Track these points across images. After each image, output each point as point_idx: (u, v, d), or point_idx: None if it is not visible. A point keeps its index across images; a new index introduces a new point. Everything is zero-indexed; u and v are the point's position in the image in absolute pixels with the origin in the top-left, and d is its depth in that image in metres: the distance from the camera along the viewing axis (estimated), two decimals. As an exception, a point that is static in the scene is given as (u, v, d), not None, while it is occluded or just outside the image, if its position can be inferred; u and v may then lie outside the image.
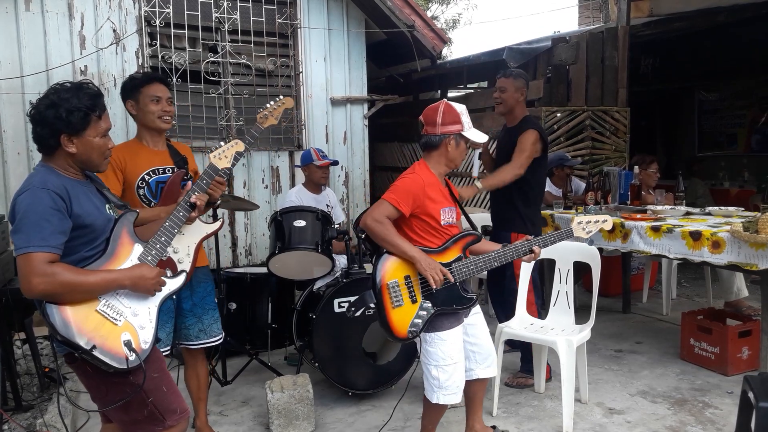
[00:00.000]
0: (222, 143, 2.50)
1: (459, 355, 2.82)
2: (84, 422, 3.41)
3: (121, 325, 2.05)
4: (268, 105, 2.83)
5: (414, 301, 2.70)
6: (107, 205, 2.19)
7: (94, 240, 2.08)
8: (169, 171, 2.98)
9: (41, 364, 3.88)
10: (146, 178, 2.92)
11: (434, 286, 2.66)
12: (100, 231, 2.10)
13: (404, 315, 2.68)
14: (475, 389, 3.04)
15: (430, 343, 2.79)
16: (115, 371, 2.02)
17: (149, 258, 2.16)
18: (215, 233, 2.42)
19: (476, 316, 2.98)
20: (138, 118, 2.99)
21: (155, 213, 2.50)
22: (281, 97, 2.87)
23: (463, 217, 3.10)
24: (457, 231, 2.88)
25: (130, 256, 2.14)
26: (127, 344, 2.03)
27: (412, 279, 2.72)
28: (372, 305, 2.81)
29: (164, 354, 3.10)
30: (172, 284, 2.25)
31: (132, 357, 2.03)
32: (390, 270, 2.71)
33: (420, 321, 2.68)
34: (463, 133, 2.82)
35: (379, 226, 2.68)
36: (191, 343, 3.07)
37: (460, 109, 2.83)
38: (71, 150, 2.04)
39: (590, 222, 2.98)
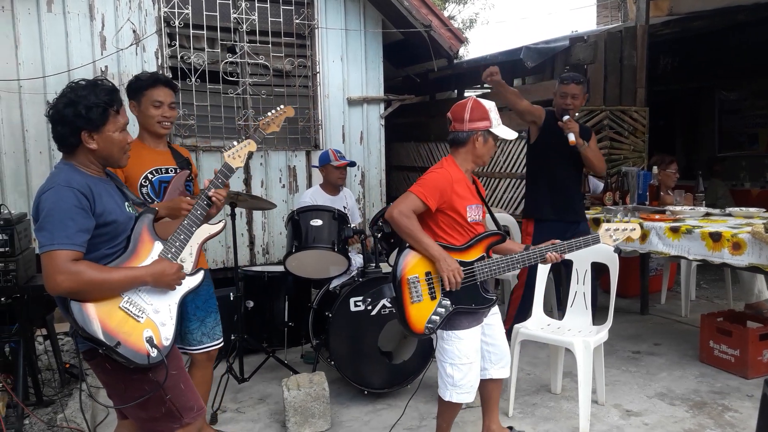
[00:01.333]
0: (235, 143, 2.51)
1: (475, 355, 2.82)
2: (103, 418, 3.45)
3: (143, 322, 2.07)
4: (269, 113, 2.83)
5: (433, 298, 2.70)
6: (126, 203, 2.21)
7: (116, 238, 2.10)
8: (171, 171, 2.97)
9: (62, 360, 3.94)
10: (149, 176, 2.91)
11: (447, 288, 2.66)
12: (121, 229, 2.11)
13: (422, 310, 2.69)
14: (490, 389, 3.04)
15: (447, 340, 2.79)
16: (136, 368, 2.04)
17: (169, 256, 2.18)
18: (217, 234, 2.41)
19: (494, 316, 2.98)
20: (138, 119, 2.98)
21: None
22: (282, 106, 2.87)
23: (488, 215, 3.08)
24: (483, 229, 2.87)
25: (150, 254, 2.16)
26: (149, 341, 2.05)
27: (432, 275, 2.71)
28: (389, 299, 2.82)
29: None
30: (191, 281, 2.26)
31: (154, 353, 2.05)
32: (411, 265, 2.70)
33: (438, 318, 2.69)
34: (491, 129, 2.79)
35: (405, 220, 2.67)
36: (193, 348, 3.02)
37: (489, 105, 2.81)
38: (92, 146, 2.06)
39: (618, 230, 2.94)
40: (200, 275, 2.29)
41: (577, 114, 5.89)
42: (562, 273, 4.40)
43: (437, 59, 6.17)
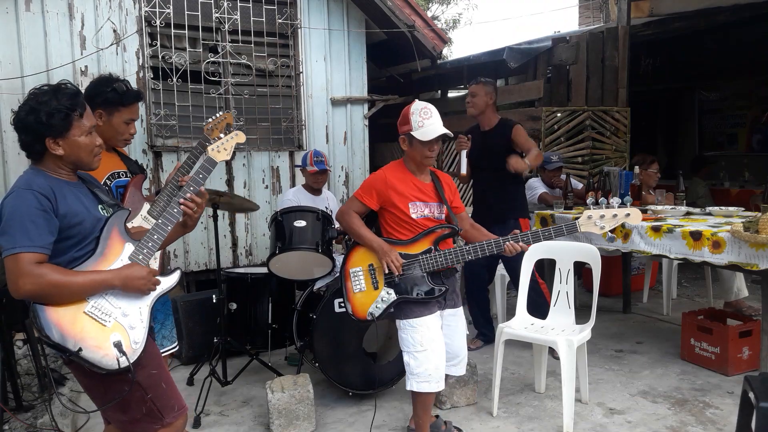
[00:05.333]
0: (222, 134, 2.41)
1: (431, 344, 2.88)
2: (84, 422, 3.41)
3: (111, 326, 2.01)
4: (210, 119, 2.79)
5: (376, 288, 2.90)
6: (100, 206, 2.15)
7: (84, 240, 2.05)
8: (123, 175, 2.89)
9: (41, 365, 3.88)
10: (107, 182, 2.81)
11: (386, 271, 2.84)
12: (88, 231, 2.06)
13: (365, 299, 2.91)
14: None
15: (402, 330, 2.93)
16: (108, 372, 1.99)
17: (140, 257, 2.12)
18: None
19: (454, 317, 3.06)
20: (102, 129, 2.68)
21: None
22: (222, 112, 2.84)
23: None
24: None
25: (120, 255, 2.10)
26: (117, 345, 1.99)
27: (375, 267, 2.91)
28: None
29: (171, 351, 3.07)
30: (167, 282, 2.20)
31: (122, 358, 1.99)
32: (355, 259, 2.96)
33: (381, 306, 2.87)
34: (411, 132, 2.87)
35: (346, 218, 2.96)
36: None
37: (415, 108, 2.90)
38: (58, 152, 2.02)
39: (604, 216, 2.79)
40: (176, 275, 2.22)
41: (559, 114, 5.96)
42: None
43: (421, 59, 6.17)
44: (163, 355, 2.94)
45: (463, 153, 4.23)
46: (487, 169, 4.34)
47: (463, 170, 4.24)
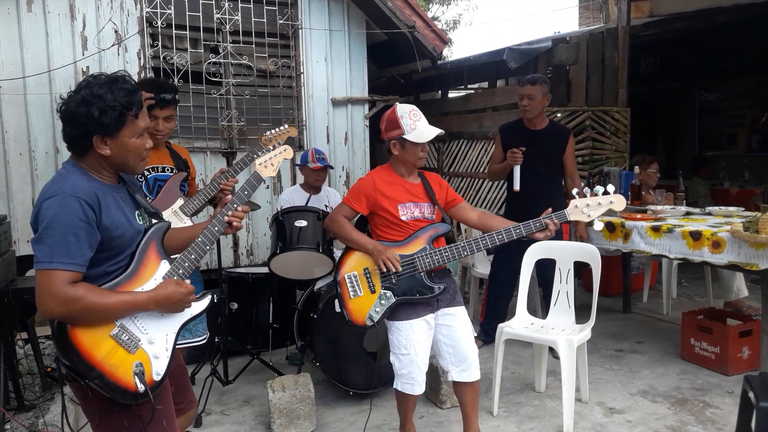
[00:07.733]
0: (272, 147, 2.32)
1: (415, 348, 2.86)
2: (86, 422, 3.41)
3: (135, 354, 1.85)
4: (271, 131, 2.81)
5: (373, 291, 2.86)
6: (137, 212, 1.98)
7: (120, 254, 1.89)
8: (168, 170, 2.97)
9: (43, 364, 3.89)
10: (145, 173, 2.88)
11: (383, 269, 2.79)
12: (127, 244, 1.90)
13: (362, 304, 2.86)
14: (460, 392, 3.03)
15: (389, 330, 2.95)
16: (121, 402, 1.84)
17: (174, 278, 1.96)
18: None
19: (453, 317, 2.94)
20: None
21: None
22: (287, 125, 2.86)
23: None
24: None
25: (154, 274, 1.94)
26: (139, 375, 1.83)
27: (370, 270, 2.87)
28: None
29: (201, 343, 3.06)
30: (197, 307, 2.05)
31: (141, 389, 1.83)
32: (349, 264, 2.91)
33: (380, 310, 2.84)
34: (404, 136, 2.84)
35: (334, 224, 2.94)
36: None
37: (402, 112, 2.86)
38: (105, 152, 1.83)
39: (589, 206, 2.73)
40: (206, 300, 2.07)
41: (559, 115, 5.97)
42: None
43: (421, 60, 6.17)
44: (181, 347, 2.94)
45: (517, 168, 4.11)
46: (535, 171, 4.16)
47: (516, 186, 4.11)
